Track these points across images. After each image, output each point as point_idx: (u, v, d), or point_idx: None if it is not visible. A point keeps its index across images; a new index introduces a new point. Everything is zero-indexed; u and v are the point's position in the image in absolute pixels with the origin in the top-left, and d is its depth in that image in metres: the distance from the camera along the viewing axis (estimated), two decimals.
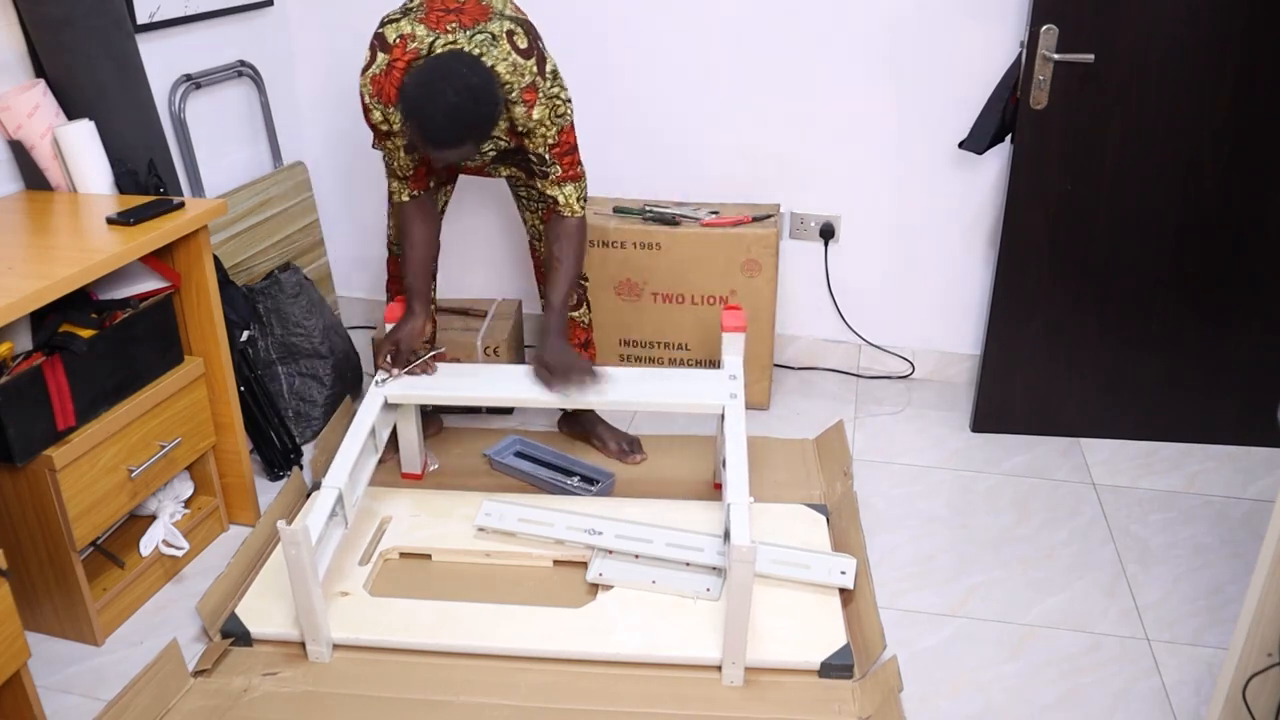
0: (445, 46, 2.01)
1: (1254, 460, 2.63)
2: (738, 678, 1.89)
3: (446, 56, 1.94)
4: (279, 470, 2.57)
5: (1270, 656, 1.50)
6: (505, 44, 2.01)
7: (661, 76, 2.88)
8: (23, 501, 1.91)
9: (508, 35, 2.01)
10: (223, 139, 2.80)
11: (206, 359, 2.25)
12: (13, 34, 2.16)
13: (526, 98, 2.03)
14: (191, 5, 2.61)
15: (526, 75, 2.02)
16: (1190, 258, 2.51)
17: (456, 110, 1.88)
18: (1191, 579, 2.22)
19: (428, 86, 1.89)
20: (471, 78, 1.90)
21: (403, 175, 2.24)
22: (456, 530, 2.27)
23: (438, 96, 1.88)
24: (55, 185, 2.22)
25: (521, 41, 2.03)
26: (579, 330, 2.58)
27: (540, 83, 2.03)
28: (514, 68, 2.00)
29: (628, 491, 2.47)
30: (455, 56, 1.94)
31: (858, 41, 2.73)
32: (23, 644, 1.69)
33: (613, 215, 2.86)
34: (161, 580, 2.22)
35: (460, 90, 1.88)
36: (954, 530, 2.38)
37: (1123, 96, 2.37)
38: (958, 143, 2.69)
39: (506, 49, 2.00)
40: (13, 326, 1.87)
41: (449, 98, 1.87)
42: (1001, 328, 2.65)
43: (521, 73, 2.01)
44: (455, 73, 1.89)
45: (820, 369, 3.12)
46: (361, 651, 1.98)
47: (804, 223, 2.96)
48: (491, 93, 1.93)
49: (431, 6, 2.05)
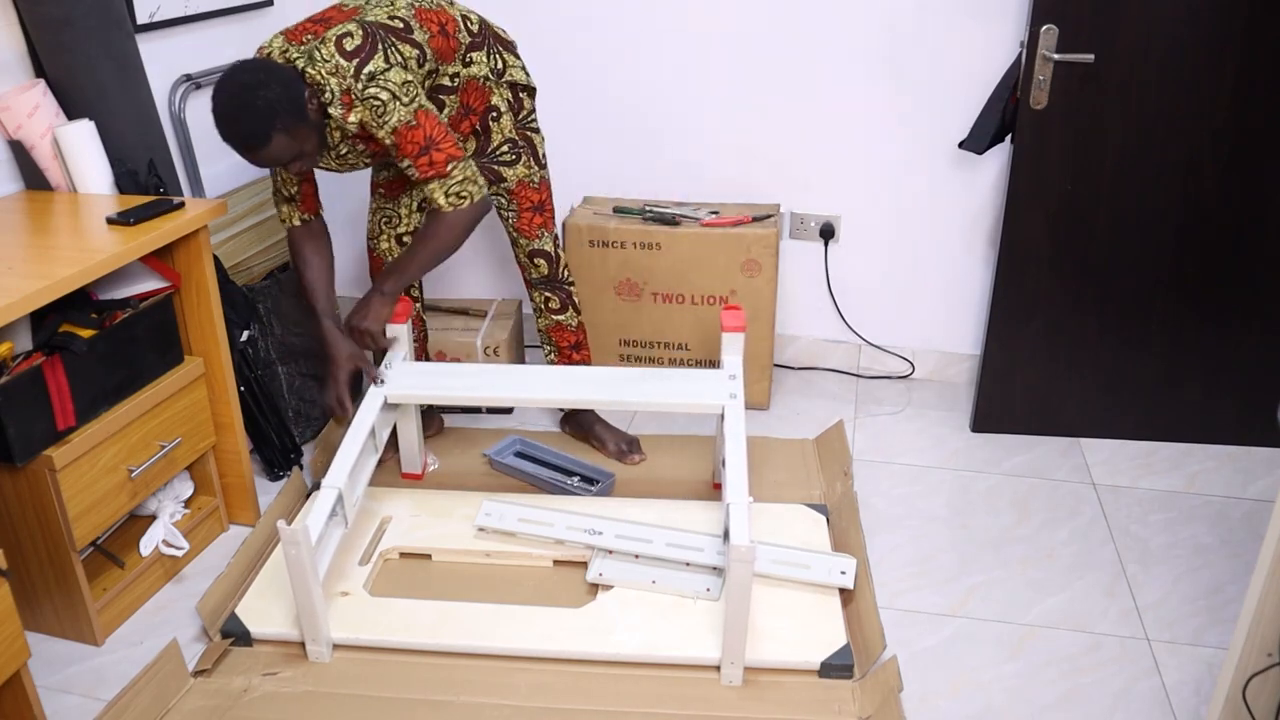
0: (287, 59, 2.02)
1: (1254, 460, 2.63)
2: (737, 678, 1.89)
3: (227, 71, 1.95)
4: (279, 470, 2.57)
5: (1270, 656, 1.50)
6: (331, 47, 1.98)
7: (661, 77, 2.88)
8: (23, 501, 1.91)
9: (337, 40, 1.99)
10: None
11: (206, 359, 2.25)
12: (13, 34, 2.16)
13: (344, 100, 2.00)
14: (191, 5, 2.61)
15: (347, 77, 1.98)
16: (1190, 258, 2.51)
17: (236, 110, 1.90)
18: (1191, 579, 2.22)
19: (214, 101, 1.93)
20: (244, 76, 1.91)
21: (289, 196, 2.25)
22: (456, 530, 2.27)
23: (220, 105, 1.92)
24: (55, 185, 2.22)
25: (350, 44, 1.99)
26: (567, 333, 2.58)
27: (353, 85, 1.99)
28: (335, 69, 1.98)
29: (628, 491, 2.47)
30: (235, 65, 1.96)
31: (858, 41, 2.73)
32: (23, 644, 1.69)
33: (613, 215, 2.86)
34: (161, 580, 2.22)
35: (233, 92, 1.90)
36: (954, 530, 2.38)
37: (1123, 96, 2.38)
38: (958, 143, 2.69)
39: (331, 51, 1.98)
40: (13, 326, 1.87)
41: (225, 103, 1.91)
42: (1001, 328, 2.65)
43: (343, 75, 1.98)
44: (230, 78, 1.92)
45: (820, 369, 3.12)
46: (361, 651, 1.98)
47: (804, 223, 2.96)
48: (266, 81, 1.91)
49: (306, 20, 2.07)
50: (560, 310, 2.54)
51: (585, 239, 2.79)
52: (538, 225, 2.44)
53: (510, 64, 2.33)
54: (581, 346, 2.61)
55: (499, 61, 2.30)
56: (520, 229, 2.44)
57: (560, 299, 2.54)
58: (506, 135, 2.34)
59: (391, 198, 2.44)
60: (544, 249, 2.47)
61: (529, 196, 2.41)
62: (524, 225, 2.43)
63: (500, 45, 2.32)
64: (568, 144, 3.01)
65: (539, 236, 2.45)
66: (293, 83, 1.95)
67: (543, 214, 2.44)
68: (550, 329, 2.58)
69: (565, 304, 2.54)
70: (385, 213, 2.46)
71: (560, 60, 2.91)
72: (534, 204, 2.42)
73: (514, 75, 2.33)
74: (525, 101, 2.37)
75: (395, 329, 2.38)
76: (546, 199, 2.44)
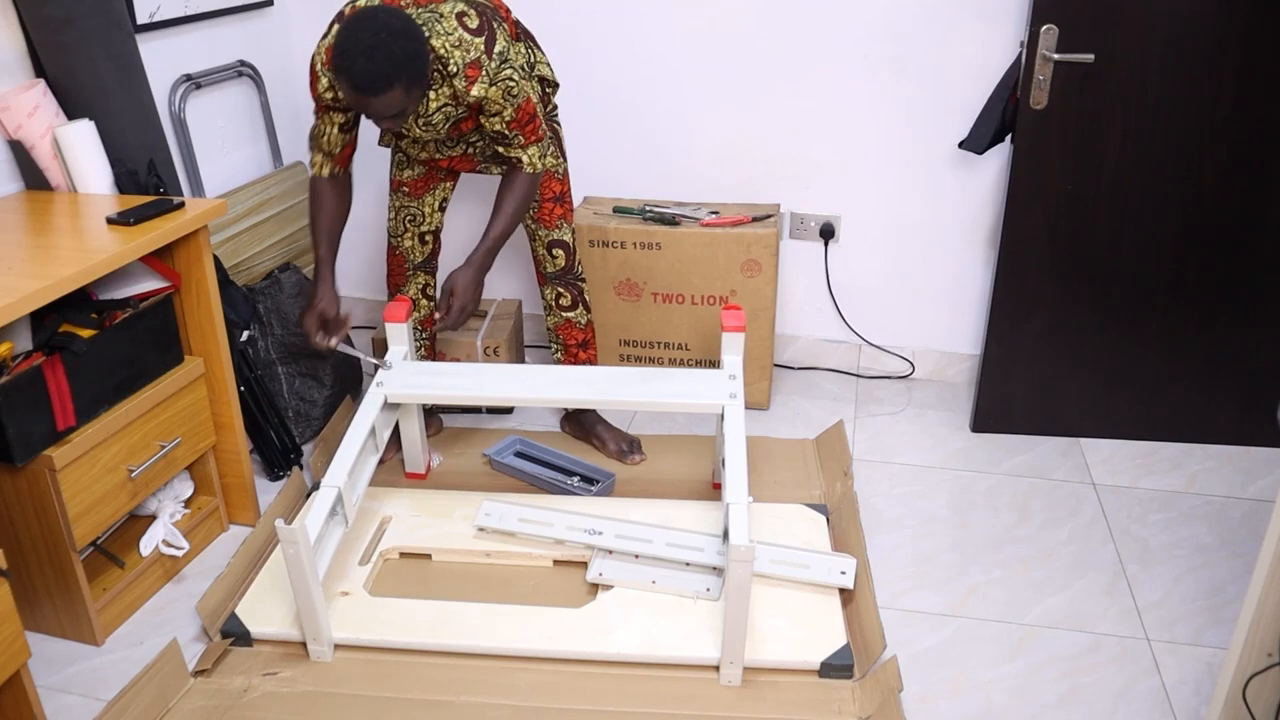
0: None
1: (1254, 460, 2.63)
2: (736, 678, 1.89)
3: (369, 8, 1.97)
4: (279, 470, 2.57)
5: (1270, 656, 1.50)
6: (453, 21, 2.04)
7: (662, 77, 2.88)
8: (23, 501, 1.91)
9: (457, 15, 2.04)
10: (223, 139, 2.80)
11: (206, 359, 2.25)
12: (13, 34, 2.16)
13: (469, 73, 2.05)
14: (191, 5, 2.61)
15: (472, 51, 2.04)
16: (1190, 258, 2.51)
17: (374, 50, 1.89)
18: (1191, 579, 2.22)
19: (348, 32, 1.92)
20: (390, 20, 1.92)
21: (328, 151, 2.26)
22: (456, 530, 2.27)
23: (356, 39, 1.90)
24: (55, 185, 2.22)
25: (471, 21, 2.05)
26: (576, 330, 2.58)
27: (485, 61, 2.05)
28: (459, 43, 2.03)
29: (628, 491, 2.47)
30: (377, 7, 1.97)
31: (858, 42, 2.73)
32: (23, 644, 1.69)
33: (613, 215, 2.86)
34: (161, 580, 2.22)
35: (377, 31, 1.90)
36: (954, 530, 2.38)
37: (1123, 96, 2.38)
38: (958, 143, 2.69)
39: (454, 25, 2.03)
40: (13, 326, 1.87)
41: (365, 40, 1.90)
42: (1001, 328, 2.65)
43: (467, 49, 2.03)
44: (373, 17, 1.92)
45: (820, 369, 3.12)
46: (361, 651, 1.98)
47: (804, 223, 2.96)
48: (411, 33, 1.93)
49: None
50: (571, 307, 2.55)
51: (585, 239, 2.79)
52: (558, 216, 2.46)
53: (539, 59, 2.38)
54: (589, 345, 2.62)
55: (531, 55, 2.35)
56: (541, 219, 2.46)
57: (572, 295, 2.54)
58: None
59: (415, 196, 2.45)
60: (563, 239, 2.49)
61: (552, 187, 2.44)
62: (545, 215, 2.45)
63: (530, 40, 2.38)
64: (568, 144, 3.01)
65: (558, 227, 2.47)
66: (425, 44, 1.98)
67: (563, 205, 2.47)
68: (559, 327, 2.59)
69: (576, 301, 2.55)
70: (409, 211, 2.47)
71: (560, 60, 2.91)
72: (555, 195, 2.45)
73: (542, 70, 2.38)
74: (551, 97, 2.43)
75: (395, 329, 2.38)
76: (567, 191, 2.47)
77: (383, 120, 2.04)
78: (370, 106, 1.97)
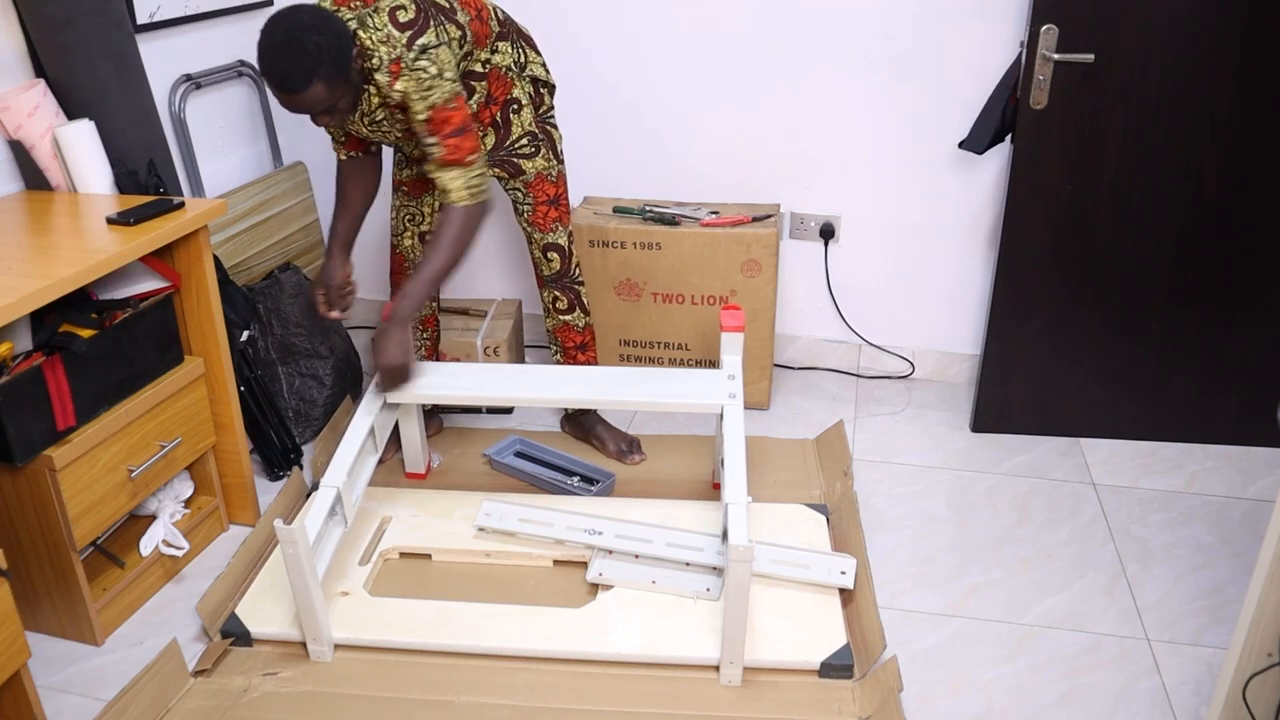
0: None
1: (1254, 460, 2.63)
2: (735, 678, 1.89)
3: (286, 8, 1.95)
4: (279, 470, 2.57)
5: (1270, 656, 1.50)
6: (384, 16, 2.01)
7: (662, 77, 2.88)
8: (23, 501, 1.91)
9: (390, 11, 2.01)
10: (223, 139, 2.80)
11: (206, 359, 2.25)
12: (13, 34, 2.16)
13: (392, 69, 2.01)
14: (191, 5, 2.61)
15: (397, 48, 2.01)
16: (1190, 258, 2.51)
17: (288, 47, 1.88)
18: (1191, 579, 2.22)
19: (264, 33, 1.91)
20: (304, 17, 1.91)
21: (337, 138, 2.30)
22: (456, 530, 2.27)
23: (271, 40, 1.90)
24: (55, 185, 2.22)
25: (404, 15, 2.02)
26: (574, 333, 2.58)
27: (405, 54, 2.00)
28: (386, 38, 2.00)
29: (628, 491, 2.47)
30: (296, 6, 1.96)
31: (858, 41, 2.73)
32: (23, 644, 1.69)
33: (613, 215, 2.86)
34: (161, 580, 2.22)
35: (289, 29, 1.89)
36: (954, 530, 2.38)
37: (1123, 96, 2.37)
38: (958, 143, 2.69)
39: (384, 20, 2.00)
40: (13, 326, 1.87)
41: (279, 38, 1.89)
42: (1001, 328, 2.65)
43: (393, 44, 2.00)
44: (289, 15, 1.91)
45: (820, 369, 3.12)
46: (361, 651, 1.98)
47: (804, 223, 2.96)
48: (327, 28, 1.91)
49: None
50: (568, 310, 2.54)
51: (585, 239, 2.79)
52: (553, 219, 2.45)
53: (531, 59, 2.36)
54: (587, 348, 2.61)
55: (521, 55, 2.33)
56: (535, 222, 2.45)
57: (569, 299, 2.54)
58: (526, 128, 2.35)
59: (415, 196, 2.45)
60: (558, 243, 2.48)
61: (545, 190, 2.42)
62: (539, 218, 2.44)
63: (523, 40, 2.35)
64: (568, 144, 3.01)
65: (553, 230, 2.46)
66: (344, 37, 1.96)
67: (558, 208, 2.45)
68: (557, 329, 2.59)
69: (573, 304, 2.54)
70: (408, 210, 2.47)
71: (561, 60, 2.91)
72: (550, 198, 2.43)
73: (535, 70, 2.36)
74: (545, 97, 2.40)
75: None
76: (563, 194, 2.46)
77: (318, 118, 2.02)
78: (296, 104, 1.96)
